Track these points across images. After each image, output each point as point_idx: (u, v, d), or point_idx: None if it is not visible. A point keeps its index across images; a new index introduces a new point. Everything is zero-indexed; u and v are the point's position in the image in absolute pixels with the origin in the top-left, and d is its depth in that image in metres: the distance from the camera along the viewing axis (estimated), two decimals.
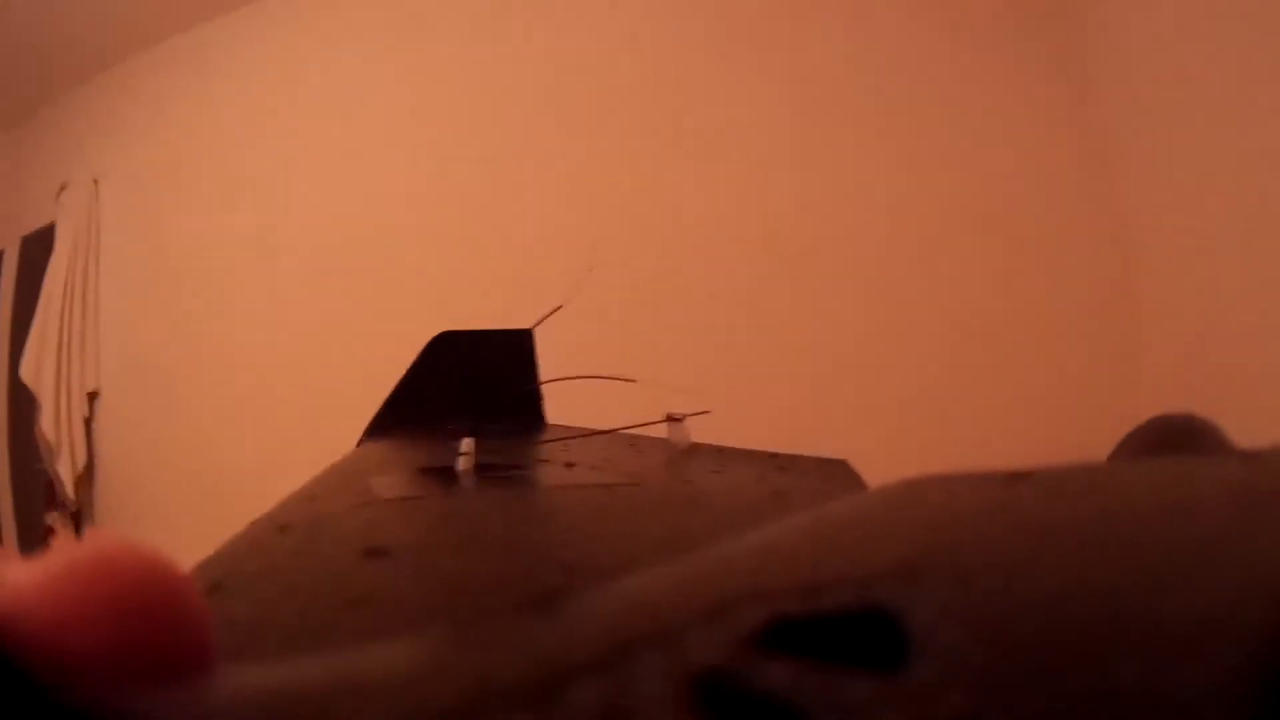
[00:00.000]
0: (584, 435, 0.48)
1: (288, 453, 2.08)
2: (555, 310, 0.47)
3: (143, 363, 2.50)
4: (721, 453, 0.46)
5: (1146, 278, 2.22)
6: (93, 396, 2.58)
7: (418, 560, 0.36)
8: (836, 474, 0.46)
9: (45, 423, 2.54)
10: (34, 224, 2.79)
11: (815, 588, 0.16)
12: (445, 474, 0.42)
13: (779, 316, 2.11)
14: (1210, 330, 2.02)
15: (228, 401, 2.33)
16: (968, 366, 2.17)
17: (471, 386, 0.50)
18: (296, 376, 2.24)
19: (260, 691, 0.13)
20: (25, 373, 2.57)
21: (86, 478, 2.56)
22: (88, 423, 2.57)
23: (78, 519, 2.56)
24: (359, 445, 0.50)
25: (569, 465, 0.43)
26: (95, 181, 2.68)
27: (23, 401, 2.63)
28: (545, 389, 0.50)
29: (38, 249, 2.75)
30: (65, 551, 0.12)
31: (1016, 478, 0.26)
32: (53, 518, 2.57)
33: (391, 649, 0.20)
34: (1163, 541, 0.16)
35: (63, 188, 2.72)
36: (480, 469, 0.42)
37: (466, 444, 0.42)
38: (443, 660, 0.17)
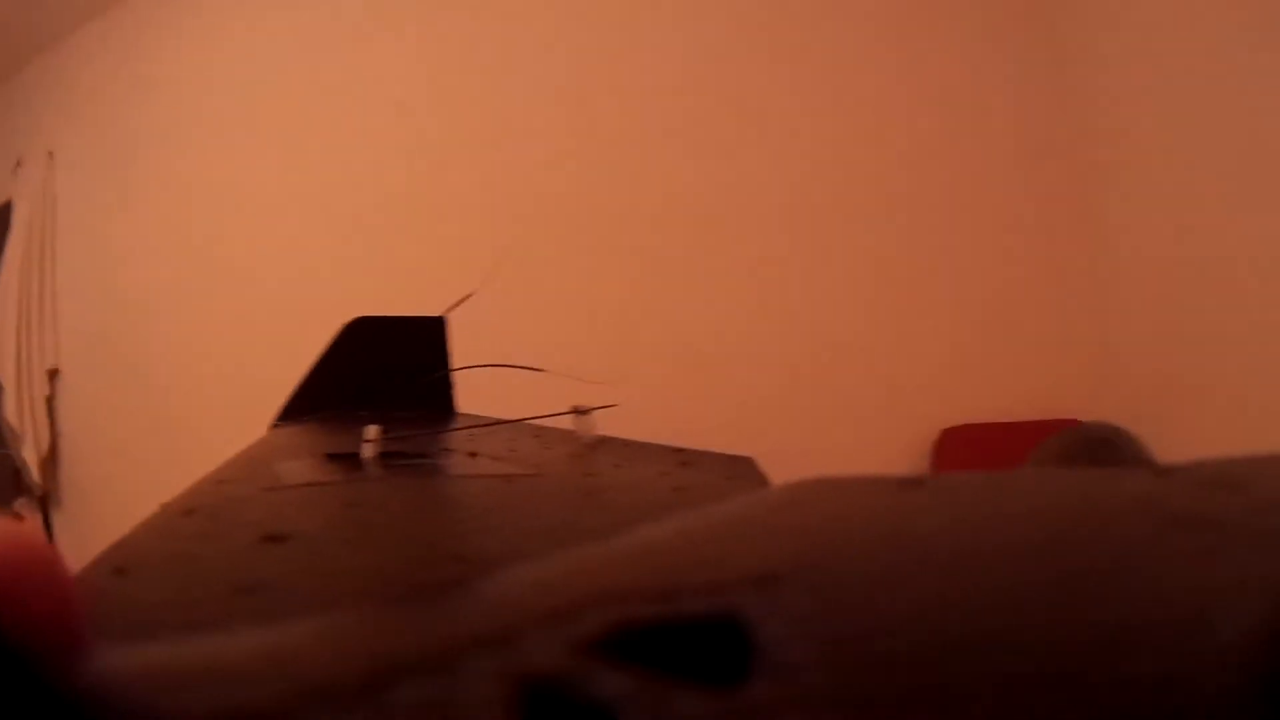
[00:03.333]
0: (490, 425, 0.49)
1: (251, 430, 2.07)
2: (466, 298, 0.48)
3: (102, 340, 2.43)
4: (627, 446, 0.47)
5: (1117, 272, 2.31)
6: (53, 375, 2.51)
7: (312, 548, 0.37)
8: (741, 472, 0.47)
9: (8, 408, 2.47)
10: None
11: (668, 592, 0.15)
12: (351, 461, 0.43)
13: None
14: (1178, 330, 2.14)
15: (190, 378, 2.27)
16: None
17: (384, 373, 0.51)
18: (255, 355, 2.20)
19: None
20: None
21: (51, 460, 2.50)
22: (49, 403, 2.50)
23: (45, 503, 2.49)
24: (271, 429, 0.50)
25: (472, 455, 0.44)
26: (50, 155, 2.59)
27: None
28: (456, 377, 0.51)
29: None
30: None
31: (910, 484, 0.26)
32: (21, 504, 2.49)
33: (234, 643, 0.21)
34: (1056, 560, 0.15)
35: (18, 163, 2.64)
36: (385, 457, 0.42)
37: (371, 431, 0.43)
38: (274, 658, 0.17)
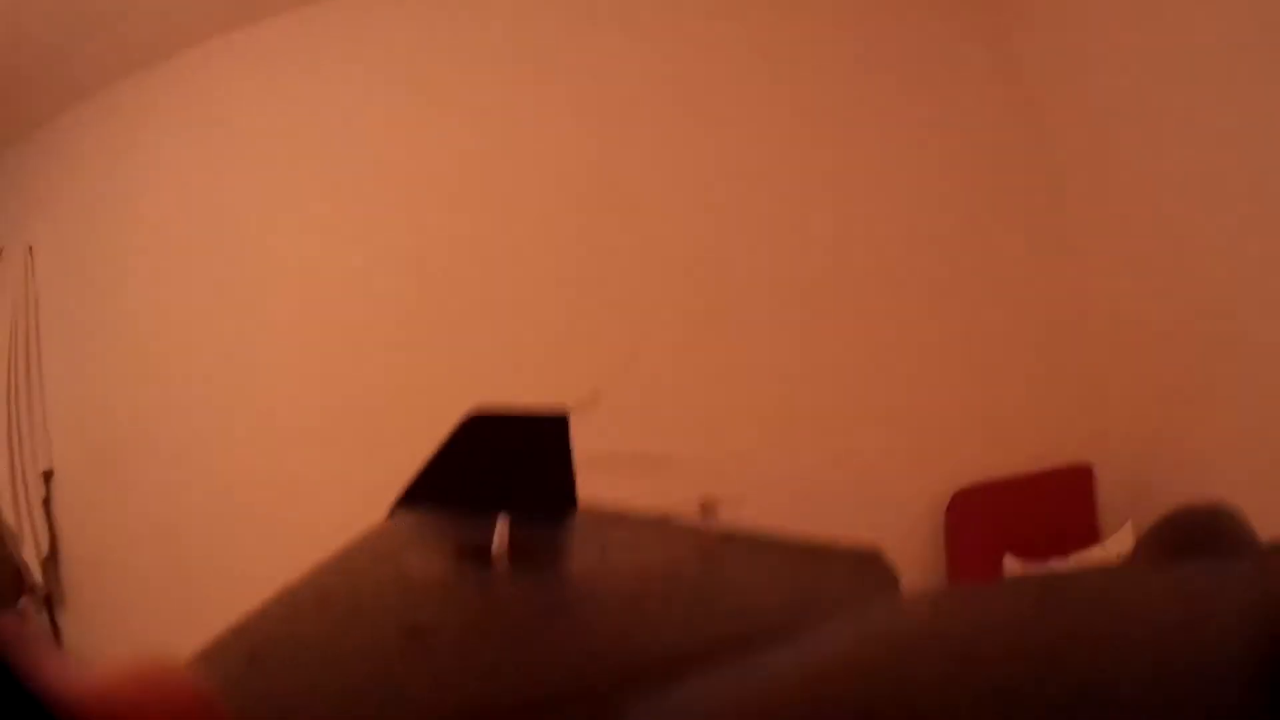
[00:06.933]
0: (616, 518, 0.49)
1: (251, 523, 2.07)
2: (592, 400, 0.48)
3: (95, 439, 2.39)
4: (752, 541, 0.47)
5: (1097, 297, 2.35)
6: (48, 477, 2.47)
7: (457, 645, 0.37)
8: (870, 567, 0.46)
9: (5, 509, 2.44)
10: None
11: None
12: (480, 553, 0.43)
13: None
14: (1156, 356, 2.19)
15: (188, 473, 2.25)
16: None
17: (503, 465, 0.51)
18: (261, 445, 2.18)
19: None
20: None
21: (52, 560, 2.45)
22: (46, 504, 2.46)
23: (49, 603, 2.45)
24: (389, 517, 0.51)
25: (602, 551, 0.44)
26: (29, 249, 2.53)
27: None
28: (578, 469, 0.51)
29: None
30: (116, 668, 0.14)
31: (1047, 589, 0.27)
32: (25, 604, 2.43)
33: None
34: (1175, 670, 0.18)
35: None
36: (515, 552, 0.42)
37: (501, 526, 0.43)
38: None
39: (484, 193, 2.16)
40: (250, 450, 2.18)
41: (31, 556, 2.42)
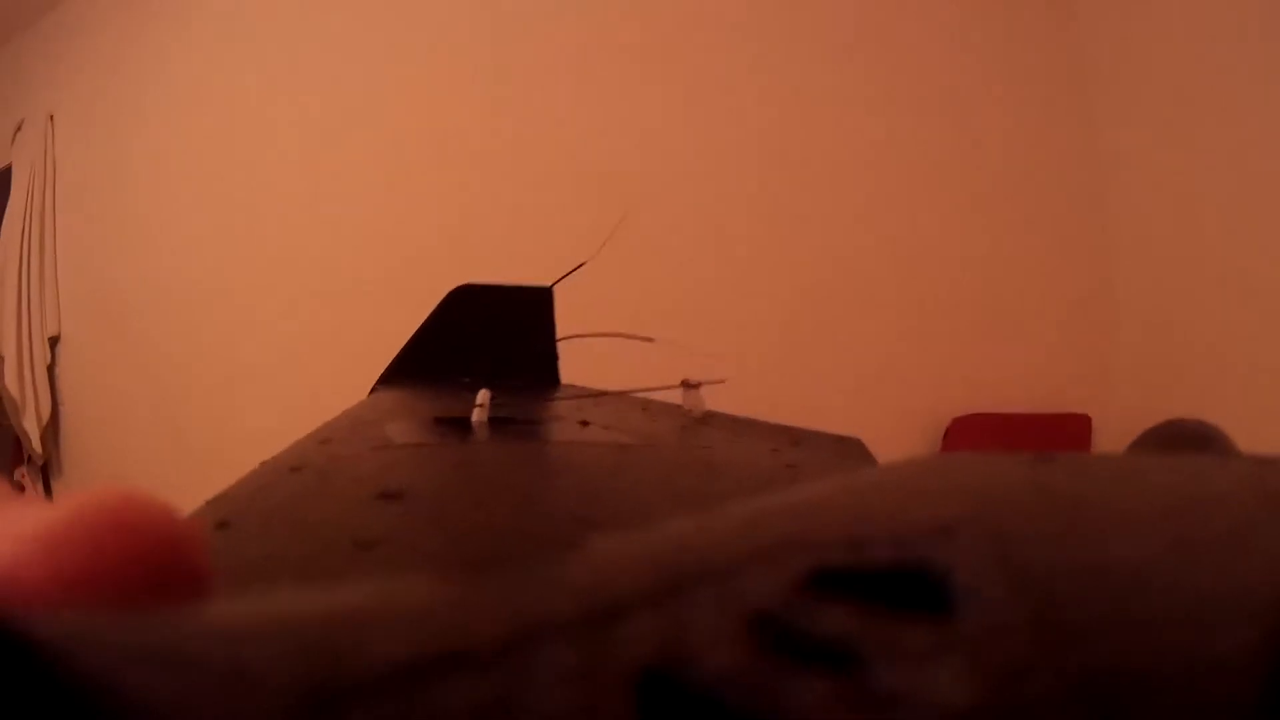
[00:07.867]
0: (597, 395, 0.48)
1: (254, 395, 2.08)
2: (577, 269, 0.47)
3: (104, 305, 2.38)
4: (735, 422, 0.46)
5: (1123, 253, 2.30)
6: (53, 342, 2.48)
7: (433, 505, 0.36)
8: (851, 452, 0.46)
9: (8, 376, 2.44)
10: None
11: (858, 541, 0.16)
12: (460, 424, 0.42)
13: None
14: (1183, 323, 2.14)
15: (193, 342, 2.23)
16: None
17: (487, 341, 0.50)
18: (266, 318, 2.14)
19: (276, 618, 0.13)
20: None
21: (52, 428, 2.46)
22: (50, 370, 2.46)
23: (46, 472, 2.46)
24: (372, 392, 0.50)
25: (583, 423, 0.43)
26: (50, 118, 2.53)
27: None
28: (560, 347, 0.50)
29: None
30: (73, 503, 0.12)
31: (1043, 459, 0.26)
32: (21, 473, 2.45)
33: (415, 583, 0.20)
34: (1189, 526, 0.17)
35: (19, 127, 2.60)
36: (495, 422, 0.42)
37: (482, 395, 0.42)
38: (478, 592, 0.16)
39: (478, 53, 2.09)
40: (254, 320, 2.16)
41: (31, 424, 2.42)
